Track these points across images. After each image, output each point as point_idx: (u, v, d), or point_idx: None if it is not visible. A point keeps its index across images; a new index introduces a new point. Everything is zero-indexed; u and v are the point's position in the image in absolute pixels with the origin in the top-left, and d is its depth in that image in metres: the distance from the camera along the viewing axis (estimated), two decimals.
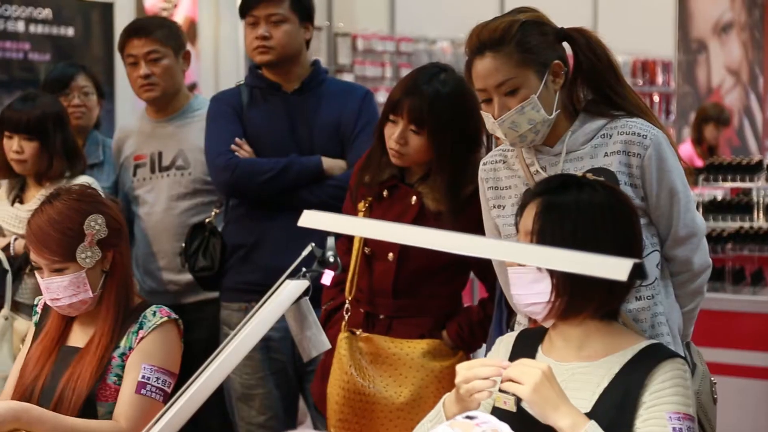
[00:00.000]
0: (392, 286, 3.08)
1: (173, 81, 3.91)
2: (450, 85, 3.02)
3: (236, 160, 3.59)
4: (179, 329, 2.82)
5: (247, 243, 3.66)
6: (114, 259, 2.77)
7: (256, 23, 3.61)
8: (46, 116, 3.76)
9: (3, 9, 6.77)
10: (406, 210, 3.08)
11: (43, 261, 2.72)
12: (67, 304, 2.73)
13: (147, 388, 2.66)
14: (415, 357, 3.01)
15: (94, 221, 2.72)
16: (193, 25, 7.75)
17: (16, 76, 6.88)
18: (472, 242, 1.98)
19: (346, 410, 3.02)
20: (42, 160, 3.75)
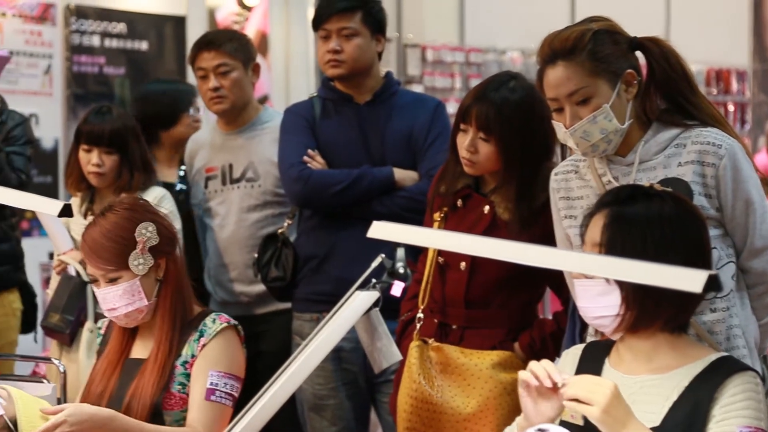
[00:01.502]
0: (464, 295, 3.06)
1: (242, 93, 3.94)
2: (519, 93, 3.01)
3: (308, 172, 3.60)
4: (240, 335, 2.83)
5: (319, 254, 3.67)
6: (167, 267, 2.80)
7: (328, 36, 3.62)
8: (125, 129, 3.82)
9: (79, 24, 6.88)
10: (478, 219, 3.07)
11: (98, 272, 2.76)
12: (124, 314, 2.76)
13: (216, 394, 2.68)
14: (484, 368, 3.00)
15: (144, 228, 2.75)
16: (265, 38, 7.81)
17: (91, 90, 6.99)
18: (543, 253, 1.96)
19: (414, 419, 3.02)
20: (120, 173, 3.80)
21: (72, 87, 6.87)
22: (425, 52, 7.89)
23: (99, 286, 2.77)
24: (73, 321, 3.81)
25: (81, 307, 3.82)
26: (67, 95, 6.82)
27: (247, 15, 7.78)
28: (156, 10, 7.33)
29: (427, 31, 7.98)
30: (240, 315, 3.89)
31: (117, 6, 7.14)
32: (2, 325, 4.27)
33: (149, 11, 7.29)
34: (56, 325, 3.81)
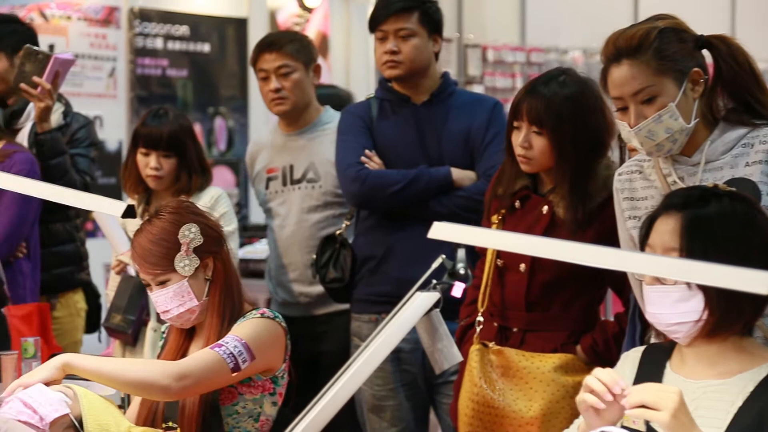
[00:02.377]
0: (524, 298, 3.04)
1: (303, 95, 3.95)
2: (569, 86, 3.00)
3: (366, 172, 3.60)
4: (281, 327, 2.79)
5: (377, 254, 3.67)
6: (215, 267, 2.80)
7: (385, 38, 3.62)
8: (183, 131, 3.84)
9: (142, 26, 6.95)
10: (537, 220, 3.04)
11: (148, 276, 2.79)
12: (177, 315, 2.78)
13: (221, 348, 2.65)
14: (546, 371, 2.97)
15: (187, 230, 2.76)
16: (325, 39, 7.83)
17: (154, 92, 7.05)
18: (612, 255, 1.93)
19: (476, 423, 3.00)
20: (178, 176, 3.83)
21: (135, 89, 6.94)
22: (486, 52, 7.87)
23: (152, 290, 2.80)
24: (134, 321, 3.84)
25: (142, 307, 3.86)
26: (130, 97, 6.89)
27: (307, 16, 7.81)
28: (218, 12, 7.39)
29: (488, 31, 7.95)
30: (300, 316, 3.91)
31: (180, 9, 7.20)
32: (67, 325, 4.32)
33: (211, 14, 7.34)
34: (118, 326, 3.85)
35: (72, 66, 4.37)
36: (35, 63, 4.14)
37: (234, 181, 7.40)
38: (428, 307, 2.24)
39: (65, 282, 4.35)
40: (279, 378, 2.79)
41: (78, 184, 4.19)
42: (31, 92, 4.13)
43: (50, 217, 4.24)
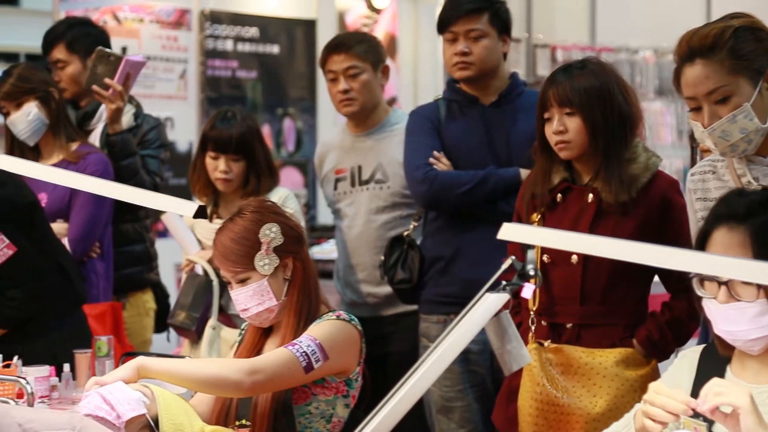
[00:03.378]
0: (580, 290, 3.02)
1: (372, 96, 3.95)
2: (588, 65, 3.07)
3: (434, 173, 3.60)
4: (356, 329, 2.79)
5: (446, 255, 3.66)
6: (295, 267, 2.82)
7: (455, 39, 3.61)
8: (251, 133, 3.87)
9: (213, 28, 7.01)
10: (583, 209, 3.04)
11: (228, 273, 2.82)
12: (255, 313, 2.80)
13: (295, 347, 2.66)
14: (609, 366, 2.95)
15: (268, 229, 2.78)
16: (393, 40, 7.84)
17: (224, 94, 7.11)
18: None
19: (541, 422, 2.99)
20: (246, 178, 3.86)
21: (206, 91, 7.01)
22: (555, 52, 7.81)
23: (232, 288, 2.82)
24: (198, 318, 3.88)
25: (207, 305, 3.89)
26: (201, 99, 6.96)
27: (376, 17, 7.82)
28: (287, 14, 7.43)
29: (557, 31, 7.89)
30: (368, 316, 3.91)
31: (249, 11, 7.25)
32: (136, 324, 4.37)
33: (281, 15, 7.39)
34: (182, 323, 3.89)
35: (143, 68, 4.42)
36: (107, 65, 4.19)
37: (302, 182, 7.44)
38: (498, 309, 2.23)
39: (135, 282, 4.40)
40: (353, 380, 2.80)
41: (148, 185, 4.24)
42: (102, 94, 4.19)
43: (120, 217, 4.29)
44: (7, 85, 4.08)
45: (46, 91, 4.08)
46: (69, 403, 3.11)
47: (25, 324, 3.34)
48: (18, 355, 3.17)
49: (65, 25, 4.53)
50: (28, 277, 3.31)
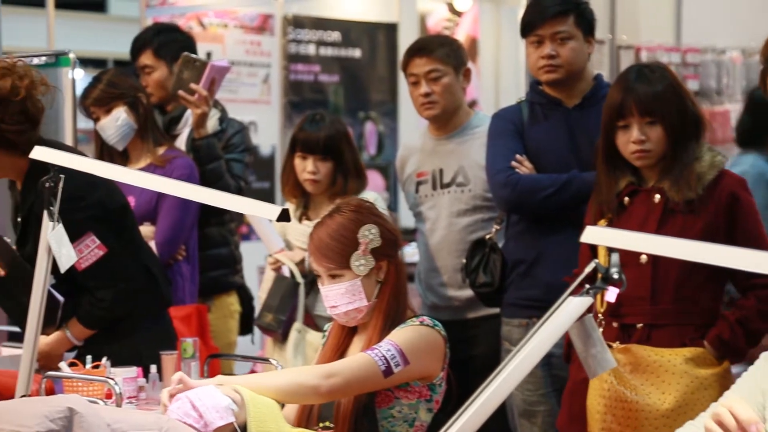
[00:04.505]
0: (650, 290, 2.99)
1: (453, 99, 3.95)
2: (658, 72, 3.07)
3: (516, 177, 3.58)
4: (440, 335, 2.79)
5: (528, 259, 3.64)
6: (388, 270, 2.83)
7: (540, 42, 3.58)
8: (339, 135, 3.90)
9: (296, 33, 7.07)
10: (650, 210, 3.04)
11: (321, 269, 2.82)
12: (344, 312, 2.81)
13: (374, 352, 2.66)
14: (678, 364, 2.94)
15: (368, 230, 2.79)
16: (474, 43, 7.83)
17: (307, 98, 7.17)
18: None
19: (609, 419, 2.98)
20: (335, 179, 3.89)
21: (289, 95, 7.07)
22: (639, 53, 7.72)
23: (322, 284, 2.84)
24: (285, 321, 3.91)
25: (293, 308, 3.92)
26: (283, 103, 7.02)
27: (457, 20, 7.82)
28: (369, 17, 7.46)
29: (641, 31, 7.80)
30: (450, 319, 3.91)
31: (332, 15, 7.30)
32: (221, 327, 4.42)
33: (363, 19, 7.42)
34: (269, 324, 3.92)
35: (227, 73, 4.48)
36: (192, 70, 4.26)
37: (383, 185, 7.46)
38: (581, 313, 2.21)
39: (220, 285, 4.45)
40: (436, 385, 2.80)
41: (233, 189, 4.29)
42: (188, 99, 4.25)
43: (206, 221, 4.35)
44: (97, 91, 4.16)
45: (135, 96, 4.15)
46: (156, 404, 3.16)
47: (114, 325, 3.40)
48: (106, 356, 3.23)
49: (153, 31, 4.61)
50: (118, 278, 3.37)
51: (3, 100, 3.20)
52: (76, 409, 2.29)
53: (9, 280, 3.35)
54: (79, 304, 3.36)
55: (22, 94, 3.22)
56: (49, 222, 2.83)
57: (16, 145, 3.23)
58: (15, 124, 3.23)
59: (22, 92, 3.22)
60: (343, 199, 3.05)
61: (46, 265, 2.86)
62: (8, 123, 3.22)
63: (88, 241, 3.29)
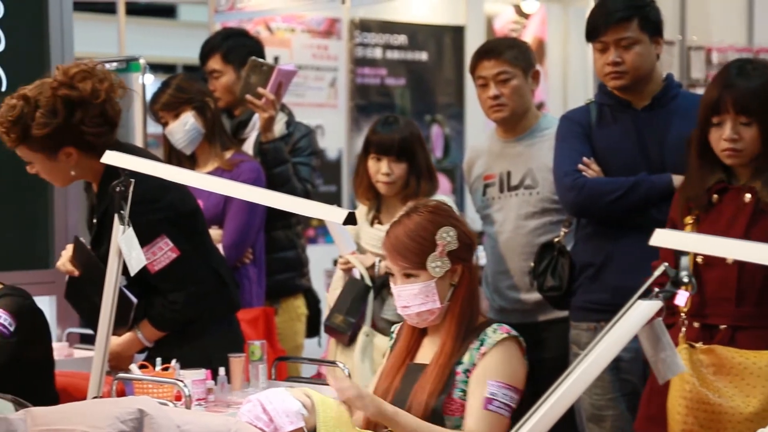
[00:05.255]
0: (735, 291, 2.95)
1: (522, 101, 3.93)
2: (760, 71, 3.00)
3: (583, 180, 3.55)
4: (521, 347, 2.82)
5: (596, 262, 3.61)
6: (463, 274, 2.82)
7: (605, 48, 3.55)
8: (413, 138, 3.91)
9: (362, 37, 7.09)
10: (739, 209, 2.98)
11: (396, 268, 2.83)
12: (416, 313, 2.81)
13: (494, 404, 2.68)
14: (763, 366, 2.89)
15: (446, 233, 2.79)
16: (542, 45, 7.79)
17: (373, 101, 7.19)
18: None
19: (691, 420, 2.93)
20: (408, 181, 3.89)
21: (355, 98, 7.10)
22: (710, 54, 7.62)
23: (395, 283, 2.84)
24: (354, 323, 3.92)
25: (363, 311, 3.93)
26: (350, 107, 7.05)
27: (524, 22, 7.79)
28: (436, 20, 7.46)
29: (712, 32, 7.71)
30: (518, 322, 3.89)
31: (398, 18, 7.31)
32: (288, 329, 4.44)
33: (429, 22, 7.42)
34: (339, 326, 3.93)
35: (294, 77, 4.51)
36: (260, 74, 4.29)
37: (450, 188, 7.45)
38: (650, 316, 2.19)
39: (287, 288, 4.48)
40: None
41: (299, 192, 4.32)
42: (255, 103, 4.28)
43: (272, 224, 4.38)
44: (166, 96, 4.21)
45: (203, 101, 4.19)
46: (224, 406, 3.19)
47: (184, 328, 3.43)
48: (175, 359, 3.26)
49: (222, 36, 4.65)
50: (189, 281, 3.40)
51: (83, 102, 3.26)
52: (146, 410, 2.32)
53: (83, 281, 3.39)
54: (150, 306, 3.40)
55: (102, 96, 3.27)
56: (119, 225, 2.87)
57: (94, 147, 3.28)
58: (95, 126, 3.28)
59: (102, 95, 3.27)
60: (418, 200, 3.06)
61: (116, 268, 2.90)
62: (88, 125, 3.27)
63: (162, 244, 3.33)
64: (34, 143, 3.27)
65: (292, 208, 2.61)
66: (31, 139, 3.26)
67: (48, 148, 3.28)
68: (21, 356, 3.16)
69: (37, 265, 4.35)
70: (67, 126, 3.25)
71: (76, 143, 3.29)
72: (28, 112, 3.24)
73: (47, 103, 3.23)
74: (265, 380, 3.42)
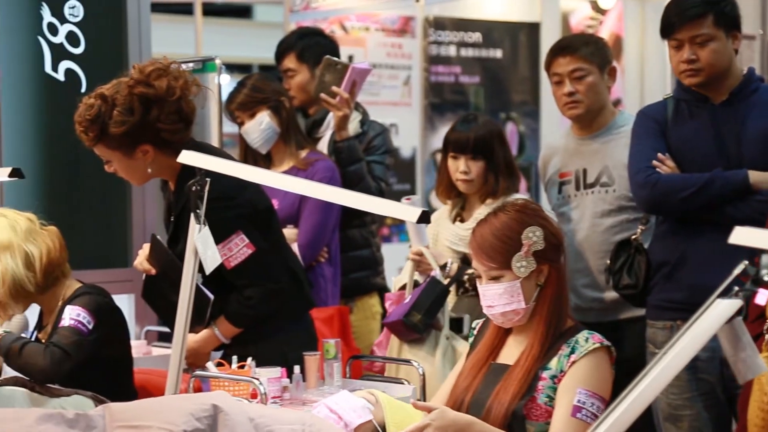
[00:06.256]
0: None
1: (597, 98, 3.89)
2: None
3: (656, 177, 3.51)
4: (611, 356, 2.77)
5: (671, 260, 3.56)
6: (549, 274, 2.79)
7: (680, 46, 3.50)
8: (490, 135, 3.89)
9: (437, 35, 7.08)
10: None
11: (481, 267, 2.80)
12: (500, 313, 2.78)
13: (582, 413, 2.63)
14: None
15: (532, 232, 2.76)
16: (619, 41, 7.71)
17: (448, 99, 7.18)
18: None
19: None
20: (487, 179, 3.88)
21: (429, 97, 7.09)
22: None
23: (481, 283, 2.82)
24: (429, 324, 3.91)
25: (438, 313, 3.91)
26: (424, 105, 7.04)
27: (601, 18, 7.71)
28: (511, 17, 7.42)
29: None
30: (594, 321, 3.86)
31: (473, 16, 7.29)
32: (363, 328, 4.45)
33: (504, 19, 7.39)
34: (416, 325, 3.92)
35: (368, 75, 4.51)
36: (334, 73, 4.30)
37: (525, 186, 7.41)
38: (730, 315, 2.15)
39: (361, 286, 4.49)
40: None
41: (373, 190, 4.32)
42: (330, 102, 4.30)
43: (347, 222, 4.39)
44: (241, 96, 4.24)
45: (278, 100, 4.22)
46: (299, 404, 3.21)
47: (259, 325, 3.45)
48: (251, 357, 3.29)
49: (297, 35, 4.68)
50: (265, 277, 3.42)
51: (159, 99, 3.30)
52: (221, 406, 2.33)
53: (160, 279, 3.44)
54: (227, 303, 3.43)
55: (177, 94, 3.31)
56: (195, 225, 2.90)
57: (170, 144, 3.32)
58: (170, 123, 3.32)
59: (177, 92, 3.31)
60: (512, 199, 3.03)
61: (192, 267, 2.92)
62: (164, 122, 3.31)
63: (237, 240, 3.36)
64: (111, 141, 3.32)
65: (366, 207, 2.61)
66: (109, 137, 3.31)
67: (125, 146, 3.33)
68: (100, 354, 3.21)
69: (116, 264, 4.42)
70: (143, 123, 3.29)
71: (153, 140, 3.33)
72: (106, 111, 3.29)
73: (124, 102, 3.28)
74: (339, 378, 3.43)
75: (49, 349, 3.12)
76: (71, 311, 3.20)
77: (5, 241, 3.24)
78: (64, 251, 3.33)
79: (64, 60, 4.30)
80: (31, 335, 3.35)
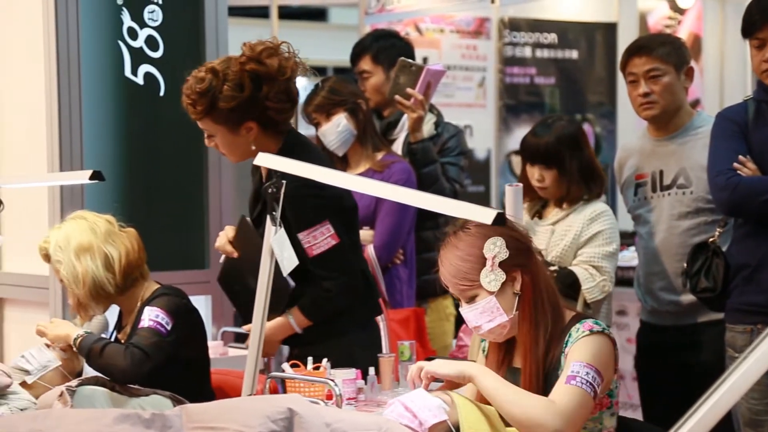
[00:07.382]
0: None
1: (674, 98, 3.85)
2: None
3: (737, 179, 3.45)
4: (609, 338, 2.68)
5: (751, 263, 3.51)
6: (524, 280, 2.68)
7: (762, 45, 3.45)
8: (560, 142, 3.82)
9: (512, 36, 7.06)
10: None
11: (455, 291, 2.72)
12: (487, 330, 2.70)
13: (576, 380, 2.55)
14: None
15: (492, 244, 2.65)
16: (698, 41, 7.61)
17: (522, 101, 7.15)
18: None
19: None
20: (561, 186, 3.84)
21: (504, 98, 7.06)
22: None
23: (461, 306, 2.74)
24: None
25: None
26: (499, 106, 7.02)
27: (679, 18, 7.62)
28: (587, 18, 7.37)
29: None
30: (672, 324, 3.81)
31: (548, 16, 7.25)
32: (436, 329, 4.45)
33: (580, 20, 7.33)
34: None
35: (443, 77, 4.51)
36: (408, 75, 4.31)
37: None
38: None
39: (435, 288, 4.48)
40: (614, 389, 2.71)
41: (447, 192, 4.32)
42: (404, 103, 4.30)
43: (421, 224, 4.39)
44: (319, 98, 4.27)
45: (355, 102, 4.24)
46: (374, 406, 3.21)
47: (330, 323, 3.45)
48: (325, 357, 3.30)
49: (372, 37, 4.70)
50: (343, 271, 3.42)
51: (270, 77, 3.33)
52: (296, 409, 2.35)
53: (242, 262, 3.45)
54: (303, 295, 3.44)
55: (287, 74, 3.35)
56: (271, 227, 2.91)
57: (276, 123, 3.35)
58: (279, 102, 3.35)
59: (288, 72, 3.35)
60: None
61: (269, 268, 2.94)
62: (273, 101, 3.34)
63: (323, 229, 3.37)
64: (218, 116, 3.35)
65: (440, 208, 2.60)
66: (217, 112, 3.34)
67: (231, 122, 3.36)
68: (178, 355, 3.24)
69: (193, 265, 4.47)
70: (252, 100, 3.32)
71: (259, 118, 3.35)
72: (217, 85, 3.32)
73: (235, 77, 3.31)
74: None
75: (129, 350, 3.16)
76: (150, 312, 3.24)
77: (85, 243, 3.29)
78: (143, 253, 3.38)
79: (144, 63, 4.37)
80: (111, 336, 3.40)
